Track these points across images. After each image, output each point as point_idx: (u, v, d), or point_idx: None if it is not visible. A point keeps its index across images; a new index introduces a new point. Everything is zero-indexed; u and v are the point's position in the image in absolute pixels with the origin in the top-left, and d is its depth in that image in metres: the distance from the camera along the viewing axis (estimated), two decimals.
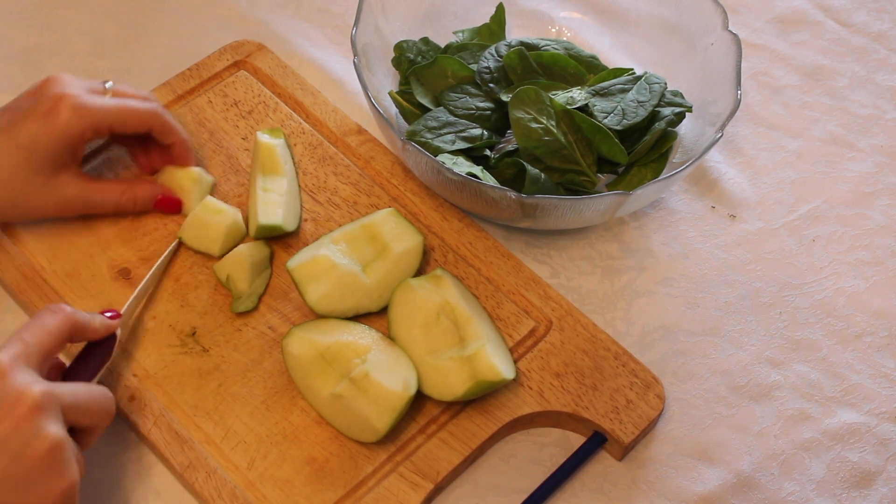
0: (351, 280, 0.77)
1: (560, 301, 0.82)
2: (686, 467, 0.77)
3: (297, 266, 0.77)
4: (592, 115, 0.86)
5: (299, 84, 0.94)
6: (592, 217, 0.82)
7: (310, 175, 0.88)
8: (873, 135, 0.98)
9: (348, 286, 0.77)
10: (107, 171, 0.87)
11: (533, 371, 0.78)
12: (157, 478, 0.74)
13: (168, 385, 0.76)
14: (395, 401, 0.72)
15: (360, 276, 0.78)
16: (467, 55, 0.93)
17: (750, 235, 0.90)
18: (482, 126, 0.87)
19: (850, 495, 0.76)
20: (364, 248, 0.80)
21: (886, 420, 0.80)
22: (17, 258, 0.81)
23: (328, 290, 0.77)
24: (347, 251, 0.79)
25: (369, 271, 0.79)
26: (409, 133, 0.86)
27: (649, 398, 0.77)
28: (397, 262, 0.79)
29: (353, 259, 0.79)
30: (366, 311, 0.78)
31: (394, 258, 0.79)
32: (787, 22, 1.07)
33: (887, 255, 0.90)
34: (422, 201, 0.87)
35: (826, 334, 0.84)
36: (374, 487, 0.72)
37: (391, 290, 0.78)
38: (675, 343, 0.83)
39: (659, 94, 0.87)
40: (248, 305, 0.79)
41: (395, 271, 0.79)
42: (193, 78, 0.93)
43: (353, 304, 0.78)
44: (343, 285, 0.77)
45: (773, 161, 0.95)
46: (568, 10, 1.00)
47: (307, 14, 1.04)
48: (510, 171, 0.84)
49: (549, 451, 0.77)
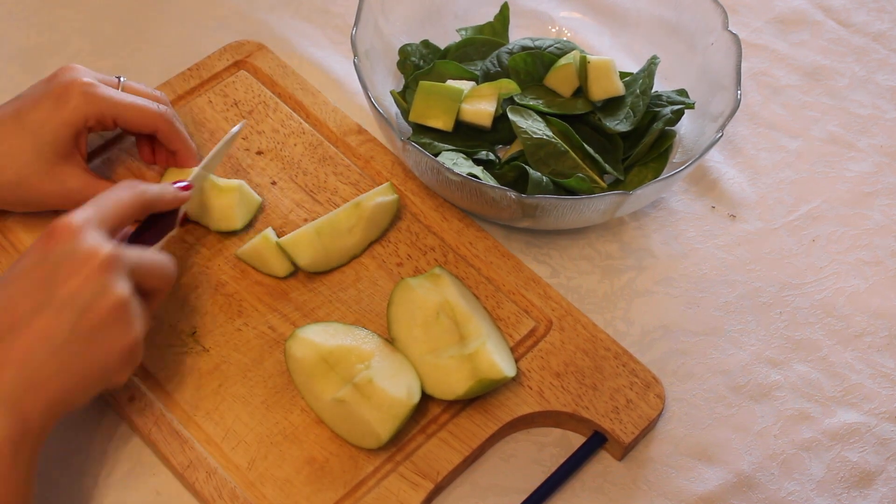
0: (333, 240, 0.82)
1: (560, 301, 0.82)
2: (686, 467, 0.77)
3: (286, 240, 0.80)
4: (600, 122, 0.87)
5: (299, 84, 0.94)
6: (592, 217, 0.82)
7: (310, 175, 0.88)
8: (873, 135, 0.98)
9: (334, 247, 0.81)
10: (106, 170, 0.87)
11: (533, 371, 0.78)
12: (157, 478, 0.74)
13: (168, 385, 0.76)
14: (398, 408, 0.72)
15: (342, 235, 0.82)
16: (472, 50, 0.93)
17: (750, 235, 0.90)
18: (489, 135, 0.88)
19: (850, 495, 0.76)
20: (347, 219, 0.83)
21: (886, 420, 0.80)
22: (11, 253, 0.81)
23: (315, 253, 0.80)
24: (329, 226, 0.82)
25: (350, 233, 0.82)
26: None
27: (649, 398, 0.77)
28: (372, 214, 0.82)
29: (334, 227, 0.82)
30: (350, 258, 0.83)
31: (368, 211, 0.82)
32: (787, 22, 1.07)
33: (887, 255, 0.90)
34: (422, 201, 0.87)
35: (826, 334, 0.84)
36: (374, 487, 0.72)
37: (368, 231, 0.83)
38: (675, 343, 0.83)
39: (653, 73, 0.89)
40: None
41: (370, 225, 0.83)
42: (193, 78, 0.93)
43: (338, 259, 0.82)
44: (327, 247, 0.81)
45: (773, 161, 0.95)
46: (568, 10, 1.00)
47: (307, 14, 1.04)
48: (512, 173, 0.85)
49: (549, 451, 0.77)
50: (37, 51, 0.98)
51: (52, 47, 0.98)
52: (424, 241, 0.85)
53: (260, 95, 0.93)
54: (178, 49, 0.98)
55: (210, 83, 0.93)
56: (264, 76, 0.94)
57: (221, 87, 0.93)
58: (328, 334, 0.75)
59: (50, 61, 0.97)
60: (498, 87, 0.88)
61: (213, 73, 0.94)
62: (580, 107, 0.88)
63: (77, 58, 0.97)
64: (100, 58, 0.98)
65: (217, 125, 0.90)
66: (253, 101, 0.92)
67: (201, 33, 1.00)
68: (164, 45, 0.99)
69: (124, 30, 1.00)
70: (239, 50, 0.95)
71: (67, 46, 0.98)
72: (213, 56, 0.95)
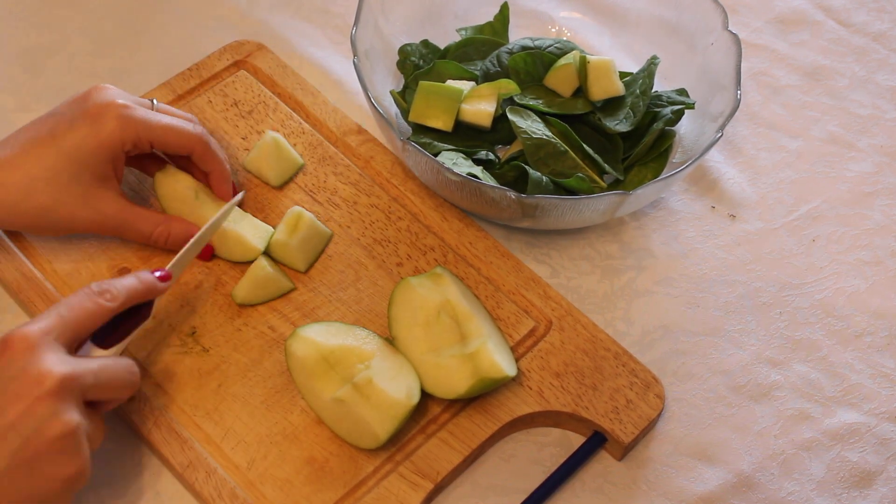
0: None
1: (560, 301, 0.82)
2: (686, 467, 0.77)
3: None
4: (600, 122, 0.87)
5: (299, 84, 0.94)
6: (592, 217, 0.82)
7: (310, 175, 0.88)
8: (873, 135, 0.98)
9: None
10: None
11: (533, 371, 0.78)
12: (157, 478, 0.74)
13: (168, 385, 0.76)
14: (398, 409, 0.72)
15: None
16: (472, 50, 0.93)
17: (750, 235, 0.90)
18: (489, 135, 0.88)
19: (850, 495, 0.76)
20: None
21: (886, 420, 0.80)
22: (17, 258, 0.81)
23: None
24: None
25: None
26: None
27: (649, 398, 0.77)
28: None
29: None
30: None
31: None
32: (787, 22, 1.07)
33: (887, 255, 0.90)
34: (422, 201, 0.87)
35: (826, 334, 0.84)
36: (374, 487, 0.72)
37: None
38: (675, 343, 0.83)
39: (653, 73, 0.89)
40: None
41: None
42: (193, 78, 0.93)
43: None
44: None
45: (773, 161, 0.95)
46: (568, 10, 1.00)
47: (307, 14, 1.04)
48: (512, 173, 0.85)
49: (549, 451, 0.77)
50: (37, 51, 0.98)
51: (52, 47, 0.98)
52: (424, 241, 0.85)
53: (260, 95, 0.93)
54: (178, 49, 0.98)
55: (210, 83, 0.93)
56: (264, 76, 0.94)
57: (221, 87, 0.93)
58: (329, 334, 0.75)
59: (50, 61, 0.97)
60: (498, 87, 0.88)
61: (212, 73, 0.94)
62: (580, 107, 0.88)
63: (77, 58, 0.97)
64: (100, 58, 0.98)
65: (217, 125, 0.90)
66: (253, 101, 0.92)
67: (201, 33, 1.00)
68: (164, 45, 0.99)
69: (124, 30, 1.00)
70: (239, 50, 0.95)
71: (67, 46, 0.98)
72: (213, 56, 0.95)
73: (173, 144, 0.79)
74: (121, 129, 0.76)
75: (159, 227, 0.80)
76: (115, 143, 0.76)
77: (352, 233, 0.85)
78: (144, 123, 0.77)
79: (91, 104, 0.76)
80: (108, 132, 0.75)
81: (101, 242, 0.82)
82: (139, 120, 0.77)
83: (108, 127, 0.75)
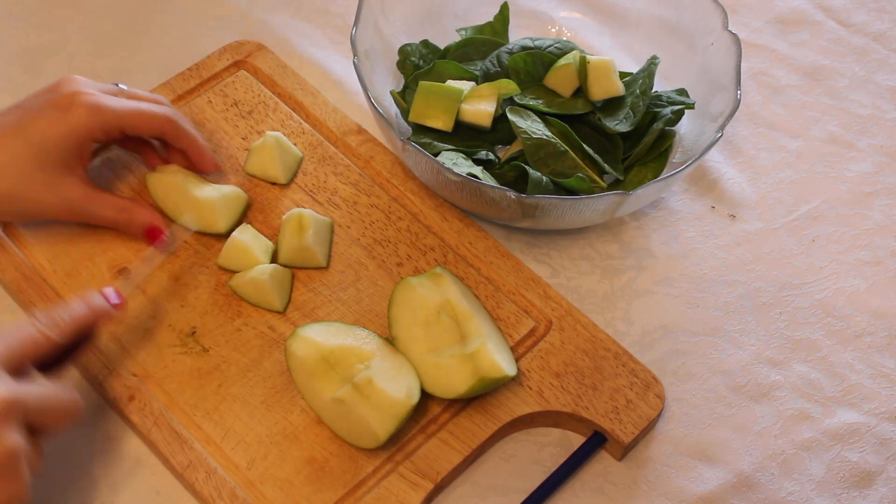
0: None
1: (560, 301, 0.82)
2: (686, 467, 0.77)
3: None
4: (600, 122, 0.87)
5: (299, 84, 0.94)
6: (592, 217, 0.82)
7: (310, 175, 0.88)
8: (873, 135, 0.98)
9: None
10: (105, 170, 0.87)
11: (533, 371, 0.78)
12: (157, 478, 0.74)
13: (168, 385, 0.76)
14: (398, 408, 0.72)
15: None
16: (472, 50, 0.93)
17: (750, 235, 0.90)
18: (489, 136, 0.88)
19: (850, 495, 0.76)
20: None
21: (886, 420, 0.80)
22: (17, 258, 0.81)
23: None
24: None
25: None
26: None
27: (649, 398, 0.77)
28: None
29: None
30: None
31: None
32: (787, 22, 1.07)
33: (887, 255, 0.90)
34: (422, 201, 0.87)
35: (826, 334, 0.84)
36: (374, 487, 0.72)
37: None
38: (674, 343, 0.83)
39: (653, 73, 0.88)
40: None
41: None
42: (193, 78, 0.93)
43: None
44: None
45: (773, 161, 0.95)
46: (568, 10, 1.00)
47: (307, 14, 1.04)
48: (512, 173, 0.85)
49: (549, 451, 0.77)
50: (37, 51, 0.98)
51: (52, 47, 0.98)
52: (424, 241, 0.85)
53: (260, 95, 0.93)
54: (178, 49, 0.98)
55: (210, 83, 0.93)
56: (264, 76, 0.94)
57: (221, 87, 0.93)
58: (329, 334, 0.75)
59: (50, 61, 0.97)
60: (498, 87, 0.88)
61: (212, 73, 0.94)
62: (580, 107, 0.88)
63: (77, 58, 0.97)
64: (100, 58, 0.98)
65: (217, 125, 0.90)
66: (253, 101, 0.92)
67: (201, 33, 1.00)
68: (164, 45, 0.99)
69: (124, 30, 1.00)
70: (239, 50, 0.95)
71: (67, 46, 0.98)
72: (213, 56, 0.95)
73: (143, 128, 0.80)
74: (88, 117, 0.77)
75: (122, 213, 0.81)
76: (82, 132, 0.77)
77: (352, 233, 0.85)
78: (112, 111, 0.78)
79: (58, 94, 0.77)
80: (75, 122, 0.77)
81: (101, 242, 0.82)
82: (106, 108, 0.78)
83: (76, 116, 0.77)
